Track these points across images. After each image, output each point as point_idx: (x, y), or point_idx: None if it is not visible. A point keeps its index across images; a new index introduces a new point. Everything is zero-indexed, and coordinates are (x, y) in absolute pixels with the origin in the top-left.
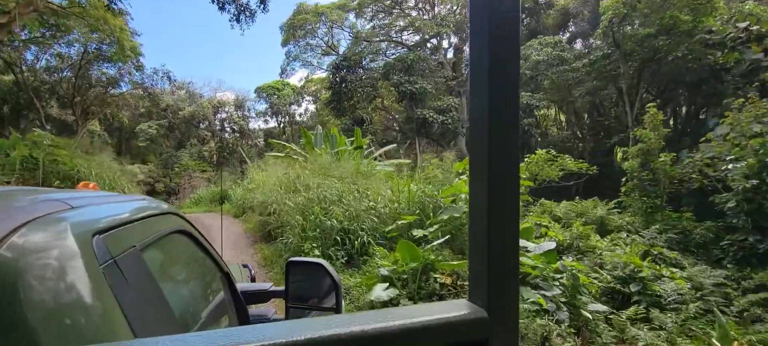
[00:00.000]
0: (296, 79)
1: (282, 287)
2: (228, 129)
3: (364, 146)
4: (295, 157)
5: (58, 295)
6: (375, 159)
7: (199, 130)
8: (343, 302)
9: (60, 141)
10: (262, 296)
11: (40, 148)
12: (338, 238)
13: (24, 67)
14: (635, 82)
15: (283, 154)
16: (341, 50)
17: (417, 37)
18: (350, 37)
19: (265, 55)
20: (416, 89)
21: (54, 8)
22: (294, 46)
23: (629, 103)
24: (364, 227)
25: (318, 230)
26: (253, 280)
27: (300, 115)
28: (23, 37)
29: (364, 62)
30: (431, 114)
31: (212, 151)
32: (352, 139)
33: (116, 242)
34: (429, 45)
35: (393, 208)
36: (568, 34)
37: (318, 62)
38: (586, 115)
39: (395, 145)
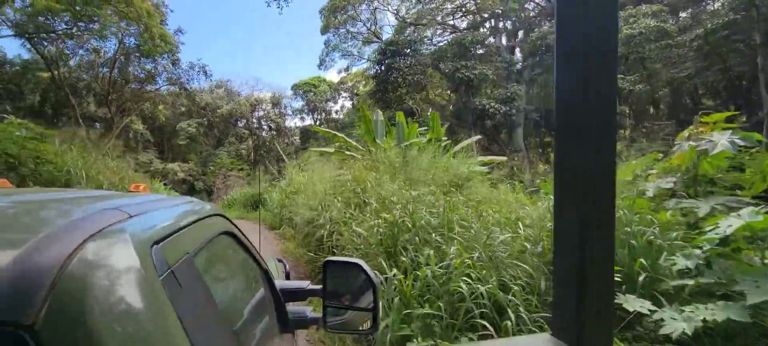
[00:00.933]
0: (335, 70)
1: (319, 286)
2: (265, 127)
3: (442, 138)
4: (348, 152)
5: (122, 310)
6: (454, 156)
7: (236, 128)
8: (380, 303)
9: (47, 132)
10: (300, 295)
11: (14, 142)
12: (475, 309)
13: (59, 64)
14: None
15: (332, 149)
16: (384, 37)
17: (468, 20)
18: (395, 23)
19: (302, 52)
20: (475, 75)
21: None
22: (333, 35)
23: (766, 83)
24: (511, 285)
25: (430, 292)
26: (288, 276)
27: (336, 111)
28: (60, 29)
29: (412, 47)
30: (492, 104)
31: (249, 149)
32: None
33: (172, 251)
34: (482, 29)
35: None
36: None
37: (358, 52)
38: (694, 98)
39: (480, 136)
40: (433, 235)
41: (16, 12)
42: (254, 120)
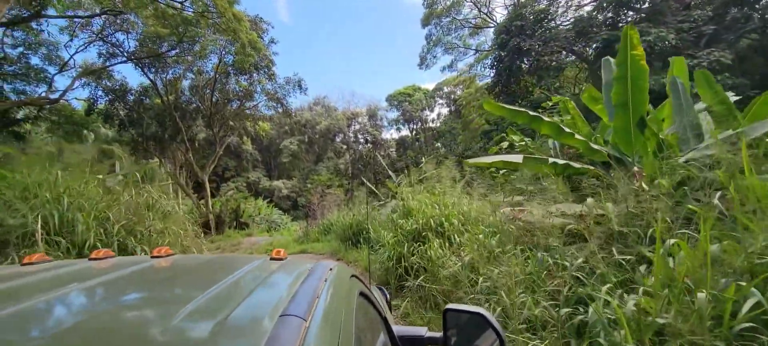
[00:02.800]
0: (438, 68)
1: (439, 334)
2: (361, 140)
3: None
4: (577, 163)
5: None
6: None
7: (334, 143)
8: None
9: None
10: (418, 342)
11: None
12: None
13: (168, 88)
14: None
15: (516, 156)
16: (499, 21)
17: None
18: (511, 3)
19: (398, 63)
20: (648, 42)
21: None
22: (435, 27)
23: None
24: None
25: None
26: (389, 303)
27: (432, 120)
28: (167, 53)
29: (544, 21)
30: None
31: (347, 164)
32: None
33: (345, 338)
34: None
35: None
36: None
37: (464, 43)
38: None
39: None
40: None
41: (131, 39)
42: (351, 134)
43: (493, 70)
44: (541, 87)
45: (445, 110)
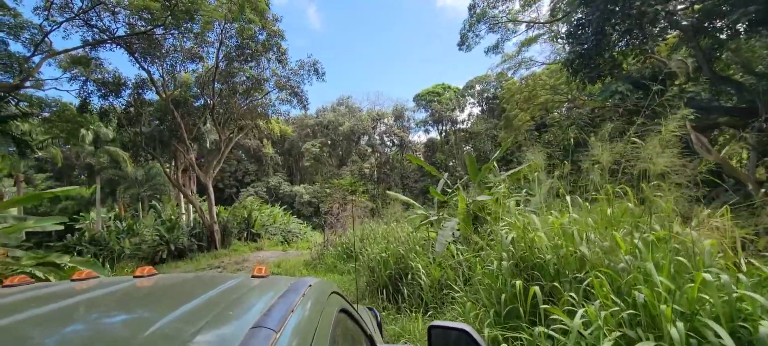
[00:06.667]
0: (482, 49)
1: None
2: (387, 142)
3: None
4: None
5: None
6: None
7: (359, 145)
8: None
9: None
10: None
11: None
12: None
13: (166, 78)
14: None
15: None
16: None
17: None
18: None
19: (425, 61)
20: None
21: None
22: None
23: None
24: None
25: None
26: (379, 325)
27: (463, 121)
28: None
29: None
30: None
31: (372, 167)
32: None
33: (303, 344)
34: None
35: None
36: None
37: (513, 17)
38: None
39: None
40: None
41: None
42: (376, 136)
43: (571, 39)
44: (638, 56)
45: (476, 110)
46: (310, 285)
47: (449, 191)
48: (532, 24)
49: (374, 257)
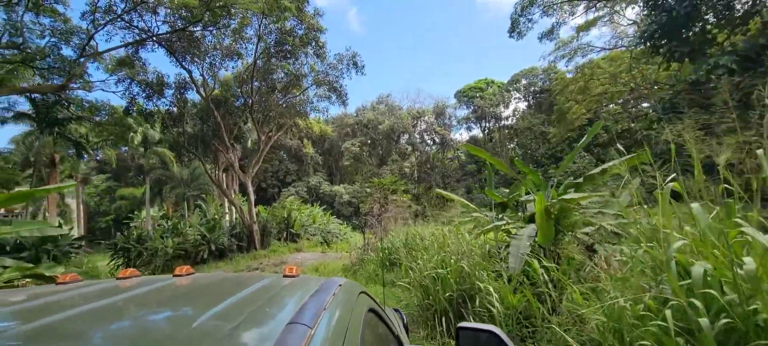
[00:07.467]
0: (535, 35)
1: None
2: (428, 141)
3: None
4: None
5: None
6: None
7: (399, 144)
8: None
9: None
10: None
11: None
12: None
13: (206, 77)
14: None
15: None
16: None
17: None
18: None
19: (467, 57)
20: None
21: None
22: None
23: None
24: None
25: None
26: (406, 327)
27: (507, 117)
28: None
29: None
30: None
31: (412, 166)
32: None
33: (337, 340)
34: None
35: None
36: None
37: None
38: None
39: None
40: None
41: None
42: (416, 135)
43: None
44: (731, 31)
45: (522, 105)
46: (340, 285)
47: (506, 191)
48: (591, 4)
49: (428, 274)
